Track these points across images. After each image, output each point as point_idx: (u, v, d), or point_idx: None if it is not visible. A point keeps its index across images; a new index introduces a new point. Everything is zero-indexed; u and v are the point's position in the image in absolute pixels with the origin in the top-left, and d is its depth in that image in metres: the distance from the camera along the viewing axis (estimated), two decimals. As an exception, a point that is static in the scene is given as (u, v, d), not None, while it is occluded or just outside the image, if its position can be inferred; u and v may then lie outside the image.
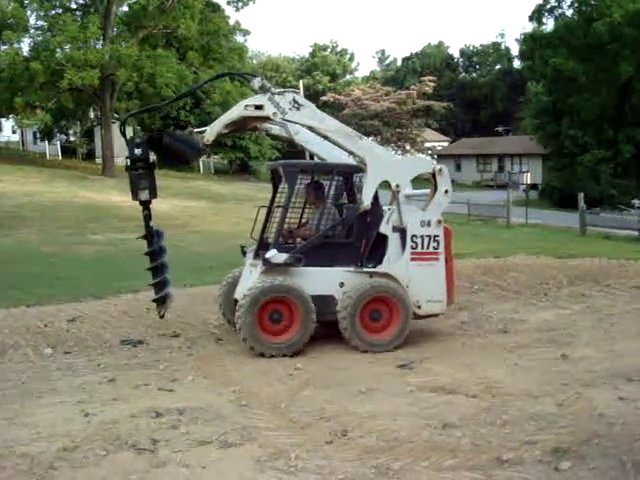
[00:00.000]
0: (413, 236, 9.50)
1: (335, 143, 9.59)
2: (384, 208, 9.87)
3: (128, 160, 9.25)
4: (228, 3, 48.16)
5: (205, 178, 49.96)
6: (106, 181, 34.49)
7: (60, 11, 43.55)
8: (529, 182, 41.42)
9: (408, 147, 64.04)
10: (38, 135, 60.11)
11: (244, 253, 10.23)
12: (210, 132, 9.32)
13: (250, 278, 9.46)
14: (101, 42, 42.57)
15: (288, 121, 9.34)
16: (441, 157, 68.78)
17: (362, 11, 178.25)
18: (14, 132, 73.15)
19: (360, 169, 9.66)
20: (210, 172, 55.18)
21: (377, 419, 6.55)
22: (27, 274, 12.42)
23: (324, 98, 68.01)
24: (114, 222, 22.21)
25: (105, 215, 23.37)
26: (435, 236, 9.57)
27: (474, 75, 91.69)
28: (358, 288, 9.18)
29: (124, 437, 6.07)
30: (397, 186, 9.50)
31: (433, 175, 9.73)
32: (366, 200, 9.45)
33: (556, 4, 49.48)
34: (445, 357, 8.86)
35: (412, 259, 9.50)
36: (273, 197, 10.29)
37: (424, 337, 10.00)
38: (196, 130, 9.72)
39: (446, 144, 75.06)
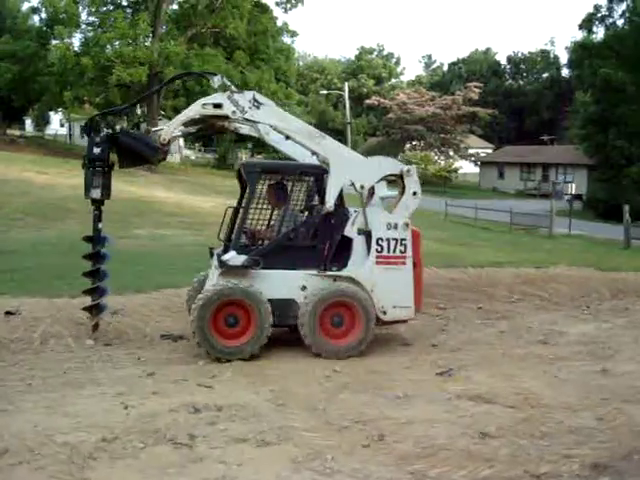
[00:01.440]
0: (379, 239, 9.25)
1: (298, 143, 9.32)
2: (350, 210, 9.63)
3: (85, 158, 9.06)
4: (277, 4, 48.55)
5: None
6: (151, 177, 34.86)
7: (111, 8, 44.24)
8: (573, 192, 40.72)
9: (451, 153, 63.67)
10: (85, 129, 60.89)
11: (212, 255, 9.63)
12: (166, 131, 9.09)
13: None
14: (150, 39, 43.13)
15: (248, 120, 9.05)
16: (484, 164, 68.25)
17: (410, 15, 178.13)
18: (62, 125, 74.54)
19: (326, 170, 9.31)
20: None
21: (414, 425, 6.53)
22: (70, 265, 12.59)
23: (369, 101, 68.04)
24: (158, 217, 22.45)
25: (149, 210, 23.62)
26: (402, 239, 9.30)
27: (521, 82, 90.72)
28: (318, 292, 8.95)
29: (162, 431, 6.14)
30: (362, 187, 9.21)
31: (401, 176, 9.46)
32: (329, 202, 9.11)
33: (607, 13, 48.70)
34: (484, 366, 8.76)
35: (377, 263, 9.24)
36: (241, 197, 9.96)
37: (463, 345, 9.92)
38: (153, 129, 9.68)
39: (490, 151, 74.33)
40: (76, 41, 44.32)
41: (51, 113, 65.27)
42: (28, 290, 11.03)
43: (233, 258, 8.85)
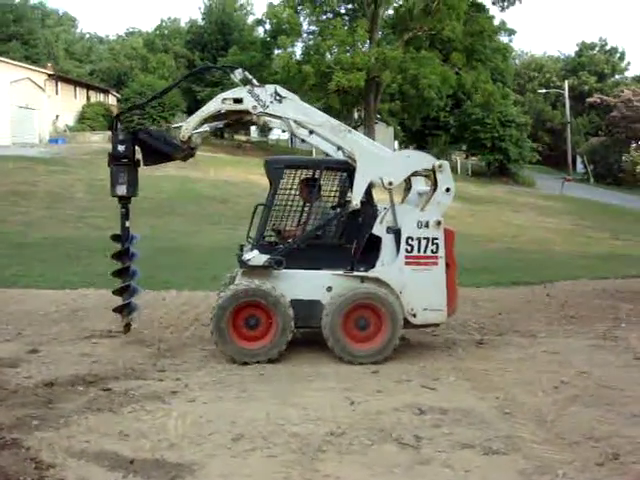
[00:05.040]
0: (408, 238, 8.65)
1: (322, 137, 8.86)
2: (379, 207, 9.00)
3: (110, 155, 9.00)
4: (493, 3, 47.41)
5: (462, 179, 49.63)
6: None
7: (330, 16, 45.70)
8: None
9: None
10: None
11: (242, 252, 9.22)
12: (186, 128, 8.87)
13: None
14: (367, 45, 43.98)
15: (269, 115, 8.77)
16: None
17: (635, 7, 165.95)
18: (283, 131, 78.08)
19: (352, 165, 8.79)
20: (467, 174, 54.66)
21: (655, 446, 5.98)
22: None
23: (590, 99, 64.49)
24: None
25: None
26: (434, 239, 8.67)
27: None
28: (343, 294, 8.51)
29: (388, 429, 6.15)
30: (390, 183, 8.65)
31: (433, 172, 8.79)
32: (356, 198, 8.65)
33: None
34: None
35: (407, 263, 8.67)
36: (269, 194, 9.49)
37: None
38: (173, 126, 9.39)
39: None
40: (298, 50, 46.41)
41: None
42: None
43: (254, 257, 8.59)
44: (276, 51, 46.38)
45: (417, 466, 5.51)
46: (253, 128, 78.97)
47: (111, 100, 60.44)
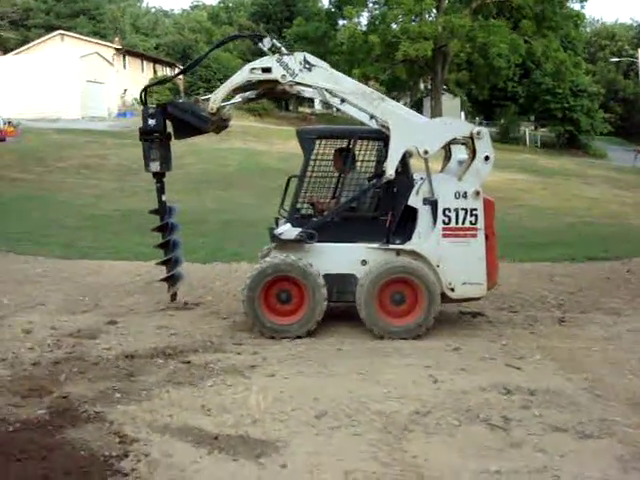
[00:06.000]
0: (446, 209, 8.27)
1: (354, 105, 8.49)
2: (415, 177, 8.64)
3: (141, 130, 8.87)
4: (568, -32, 45.67)
5: (531, 151, 48.50)
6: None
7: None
8: None
9: None
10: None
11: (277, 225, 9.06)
12: (214, 100, 8.57)
13: None
14: (434, 13, 43.11)
15: (299, 83, 8.45)
16: None
17: None
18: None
19: (385, 134, 8.39)
20: (536, 145, 53.33)
21: None
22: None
23: (667, 68, 61.90)
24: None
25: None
26: (472, 209, 8.27)
27: None
28: (378, 267, 8.22)
29: (475, 410, 5.93)
30: (426, 152, 8.22)
31: (471, 139, 8.32)
32: (390, 168, 8.27)
33: None
34: None
35: (444, 235, 8.30)
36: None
37: None
38: (202, 98, 9.01)
39: None
40: (363, 20, 45.82)
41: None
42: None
43: (287, 231, 8.37)
44: (341, 22, 45.93)
45: (508, 449, 5.30)
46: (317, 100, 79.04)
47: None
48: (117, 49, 54.88)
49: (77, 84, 45.55)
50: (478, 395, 6.28)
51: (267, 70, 8.44)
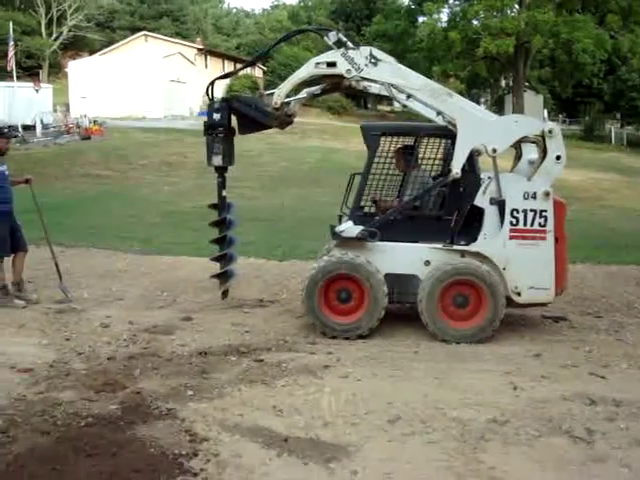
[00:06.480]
0: (513, 210, 7.96)
1: (421, 102, 8.18)
2: (483, 177, 8.26)
3: (205, 124, 8.88)
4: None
5: (617, 149, 46.82)
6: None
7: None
8: None
9: None
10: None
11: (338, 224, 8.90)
12: (278, 94, 8.39)
13: None
14: (516, 9, 42.20)
15: (365, 79, 8.18)
16: None
17: None
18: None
19: (452, 132, 8.08)
20: (622, 143, 51.51)
21: None
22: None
23: None
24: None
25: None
26: (542, 211, 7.94)
27: None
28: (441, 268, 7.95)
29: (556, 420, 5.66)
30: (494, 151, 7.95)
31: (542, 137, 7.94)
32: (456, 167, 8.00)
33: None
34: None
35: (511, 237, 7.99)
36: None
37: None
38: (266, 93, 8.77)
39: None
40: (443, 16, 45.26)
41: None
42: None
43: (348, 229, 8.19)
44: (420, 19, 45.49)
45: (591, 463, 5.01)
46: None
47: (257, 73, 61.57)
48: (199, 49, 55.90)
49: (160, 84, 46.57)
50: (560, 405, 6.00)
51: (332, 64, 8.30)
